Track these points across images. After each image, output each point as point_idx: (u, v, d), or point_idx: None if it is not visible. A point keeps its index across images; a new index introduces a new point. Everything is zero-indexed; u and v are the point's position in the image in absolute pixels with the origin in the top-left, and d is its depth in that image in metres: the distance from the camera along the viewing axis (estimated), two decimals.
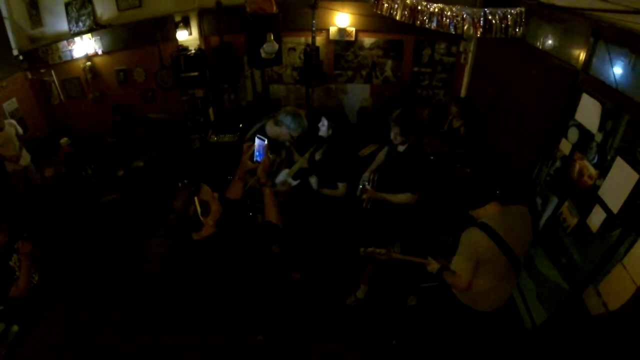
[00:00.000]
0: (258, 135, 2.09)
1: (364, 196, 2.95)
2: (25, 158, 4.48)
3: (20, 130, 4.43)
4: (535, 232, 2.47)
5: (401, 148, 2.87)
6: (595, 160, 2.47)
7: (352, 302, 3.41)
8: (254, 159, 2.10)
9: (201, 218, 1.77)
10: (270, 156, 3.02)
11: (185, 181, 1.87)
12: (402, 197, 2.87)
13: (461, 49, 4.95)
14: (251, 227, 1.95)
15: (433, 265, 2.29)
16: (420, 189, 2.85)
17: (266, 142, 2.06)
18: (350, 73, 5.41)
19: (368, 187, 2.98)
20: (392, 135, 2.83)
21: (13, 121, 4.45)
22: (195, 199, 1.77)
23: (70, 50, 5.17)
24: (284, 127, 2.83)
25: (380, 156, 3.25)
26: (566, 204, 2.71)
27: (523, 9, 3.20)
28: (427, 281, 3.30)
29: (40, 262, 2.73)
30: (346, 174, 3.08)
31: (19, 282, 2.40)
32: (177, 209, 1.79)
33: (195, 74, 5.00)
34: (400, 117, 2.76)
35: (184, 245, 1.92)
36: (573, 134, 2.72)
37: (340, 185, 3.08)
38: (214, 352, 1.13)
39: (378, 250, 2.46)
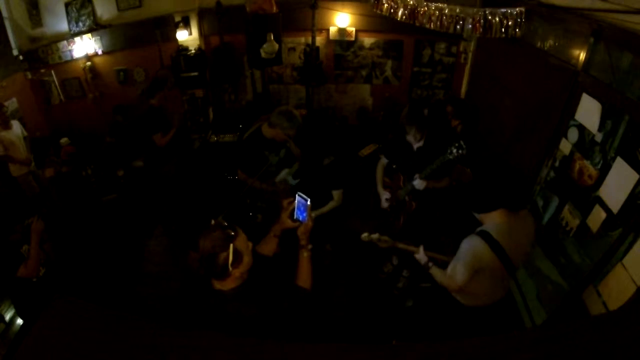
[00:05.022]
0: (299, 194, 1.85)
1: (421, 187, 2.82)
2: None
3: (25, 132, 4.35)
4: (537, 234, 2.47)
5: (419, 144, 2.90)
6: (595, 160, 2.47)
7: (389, 269, 3.57)
8: (295, 217, 1.87)
9: (230, 268, 1.53)
10: (270, 156, 3.05)
11: (220, 219, 1.62)
12: (443, 182, 2.94)
13: (461, 49, 4.95)
14: (279, 292, 1.72)
15: (421, 256, 2.33)
16: (451, 172, 2.94)
17: (309, 202, 1.81)
18: (350, 73, 5.41)
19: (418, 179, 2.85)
20: (409, 137, 2.85)
21: (17, 122, 4.37)
22: (231, 246, 1.52)
23: (70, 50, 5.17)
24: (279, 128, 2.86)
25: (380, 173, 3.23)
26: (567, 206, 2.71)
27: (523, 9, 3.20)
28: (425, 281, 3.32)
29: (50, 253, 2.73)
30: (340, 181, 2.98)
31: (28, 262, 2.43)
32: (204, 250, 1.52)
33: (195, 74, 5.00)
34: (412, 116, 2.78)
35: (201, 293, 1.68)
36: (573, 134, 2.72)
37: (335, 193, 2.98)
38: (214, 352, 1.13)
39: (384, 238, 2.47)
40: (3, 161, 4.05)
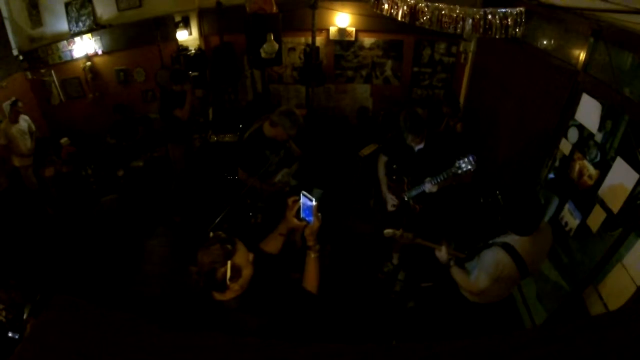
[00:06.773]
0: (304, 193, 1.77)
1: (434, 189, 2.81)
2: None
3: (33, 127, 4.60)
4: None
5: (420, 147, 2.91)
6: (595, 160, 2.47)
7: (389, 269, 3.59)
8: (301, 217, 1.82)
9: (228, 283, 1.51)
10: (271, 157, 3.05)
11: (219, 233, 1.61)
12: (447, 182, 2.92)
13: (461, 49, 4.94)
14: (284, 294, 1.70)
15: (443, 254, 2.31)
16: None
17: (314, 202, 1.74)
18: (350, 73, 5.41)
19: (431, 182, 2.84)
20: (409, 141, 2.88)
21: (27, 117, 4.56)
22: (229, 263, 1.49)
23: (70, 50, 5.17)
24: (280, 128, 2.87)
25: (382, 172, 3.23)
26: (567, 206, 2.71)
27: (523, 9, 3.20)
28: (426, 281, 3.32)
29: (18, 301, 2.56)
30: (321, 181, 3.07)
31: None
32: (203, 265, 1.51)
33: (195, 74, 5.00)
34: (409, 122, 2.79)
35: (202, 304, 1.67)
36: (573, 134, 2.72)
37: (315, 192, 3.06)
38: (214, 352, 1.13)
39: (406, 235, 2.49)
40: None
